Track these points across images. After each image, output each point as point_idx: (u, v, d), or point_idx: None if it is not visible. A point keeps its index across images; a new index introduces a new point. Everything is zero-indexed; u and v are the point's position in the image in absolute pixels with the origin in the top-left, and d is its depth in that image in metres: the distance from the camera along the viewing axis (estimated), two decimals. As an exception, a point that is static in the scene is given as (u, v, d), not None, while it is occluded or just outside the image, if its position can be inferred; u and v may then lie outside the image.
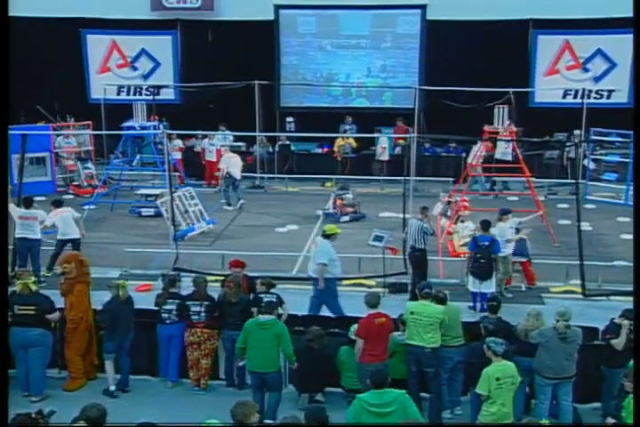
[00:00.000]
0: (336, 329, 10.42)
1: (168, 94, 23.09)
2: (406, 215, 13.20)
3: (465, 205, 15.30)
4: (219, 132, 21.28)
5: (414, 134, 15.78)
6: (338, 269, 11.61)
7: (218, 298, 10.46)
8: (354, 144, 21.58)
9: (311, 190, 20.46)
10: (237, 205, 18.50)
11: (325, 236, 11.62)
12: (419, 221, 12.65)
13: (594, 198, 18.62)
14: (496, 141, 18.16)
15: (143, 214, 17.50)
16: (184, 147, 21.76)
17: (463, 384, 9.60)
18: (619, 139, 19.11)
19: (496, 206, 16.78)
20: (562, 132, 21.16)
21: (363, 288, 12.36)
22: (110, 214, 17.75)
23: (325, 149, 22.50)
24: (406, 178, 13.71)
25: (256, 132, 20.42)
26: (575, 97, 21.41)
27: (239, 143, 22.42)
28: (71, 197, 19.43)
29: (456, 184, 18.14)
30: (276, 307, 9.86)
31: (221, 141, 21.37)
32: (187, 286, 10.75)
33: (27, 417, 6.79)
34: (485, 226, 12.38)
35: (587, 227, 15.80)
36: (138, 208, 17.68)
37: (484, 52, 21.18)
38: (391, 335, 9.61)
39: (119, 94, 23.19)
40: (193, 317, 10.18)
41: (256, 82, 20.97)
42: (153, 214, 17.17)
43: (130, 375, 10.33)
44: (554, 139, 20.97)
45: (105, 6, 22.37)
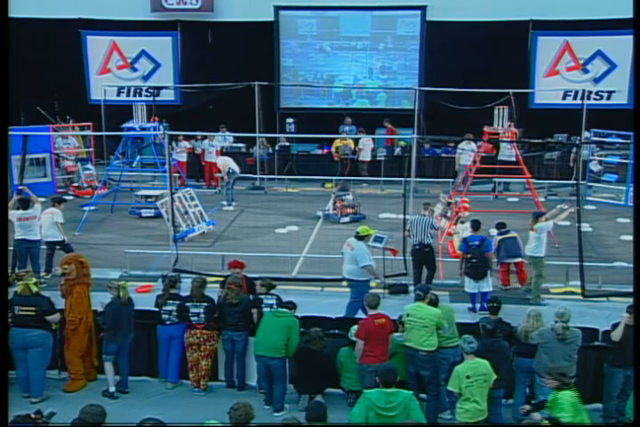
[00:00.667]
0: (336, 330, 10.44)
1: (168, 95, 23.10)
2: (406, 216, 13.19)
3: (465, 206, 15.30)
4: (219, 133, 21.28)
5: (414, 135, 15.78)
6: (374, 269, 11.70)
7: (218, 299, 10.47)
8: (352, 145, 21.57)
9: (311, 191, 20.45)
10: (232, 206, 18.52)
11: (359, 237, 11.61)
12: (424, 217, 12.81)
13: (594, 199, 18.61)
14: (498, 143, 18.16)
15: (143, 215, 17.50)
16: (192, 147, 21.63)
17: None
18: (619, 140, 19.08)
19: (496, 207, 16.89)
20: (562, 133, 21.17)
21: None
22: (110, 215, 17.74)
23: (325, 151, 22.48)
24: (407, 179, 13.70)
25: (256, 134, 20.41)
26: (575, 98, 21.39)
27: (239, 144, 22.42)
28: (71, 198, 19.43)
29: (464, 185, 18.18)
30: (294, 307, 10.05)
31: (221, 142, 21.38)
32: (186, 287, 10.75)
33: (26, 418, 6.80)
34: (476, 226, 12.39)
35: (587, 228, 15.79)
36: (138, 209, 17.68)
37: (483, 53, 21.19)
38: (391, 336, 9.61)
39: (119, 95, 23.18)
40: (192, 318, 10.19)
41: (256, 83, 20.96)
42: (153, 215, 17.18)
43: (129, 377, 10.33)
44: (554, 140, 20.97)
45: (105, 7, 22.37)
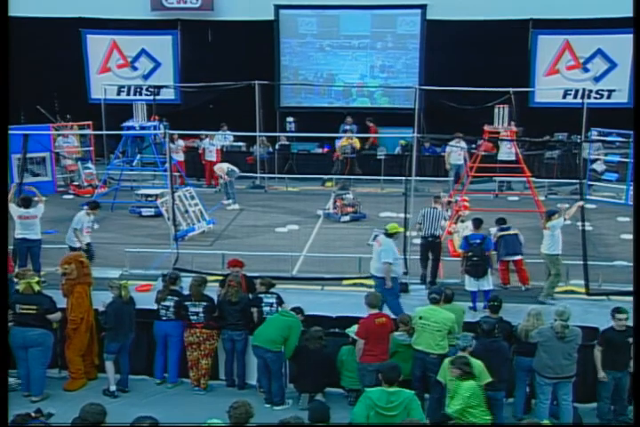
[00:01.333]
0: (336, 329, 10.45)
1: (168, 94, 23.06)
2: (407, 215, 13.19)
3: (465, 205, 15.30)
4: (219, 131, 21.27)
5: (415, 134, 15.76)
6: (400, 269, 11.69)
7: (218, 298, 10.48)
8: (357, 145, 21.55)
9: (311, 190, 20.45)
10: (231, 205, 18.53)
11: (388, 235, 11.60)
12: (435, 210, 13.00)
13: (594, 198, 18.60)
14: (497, 142, 18.15)
15: (143, 214, 17.48)
16: (188, 146, 21.63)
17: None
18: (619, 139, 19.08)
19: (496, 206, 16.87)
20: (562, 132, 21.16)
21: (363, 288, 12.34)
22: (110, 214, 17.73)
23: (325, 149, 22.49)
24: (407, 178, 13.70)
25: (256, 133, 20.41)
26: (575, 97, 21.38)
27: (239, 143, 22.42)
28: (71, 197, 19.44)
29: (456, 184, 18.19)
30: (301, 313, 10.17)
31: (222, 141, 21.38)
32: (187, 286, 10.76)
33: (26, 416, 6.81)
34: (477, 224, 12.40)
35: (587, 227, 15.77)
36: (138, 208, 17.68)
37: (484, 51, 21.15)
38: (392, 336, 9.61)
39: (119, 94, 23.15)
40: (191, 317, 10.20)
41: (256, 82, 20.94)
42: (153, 214, 17.17)
43: (130, 375, 10.35)
44: (554, 139, 20.96)
45: (105, 6, 22.34)
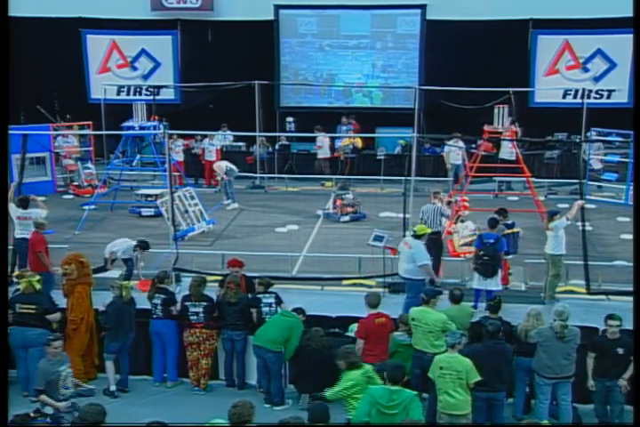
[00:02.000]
0: (336, 329, 10.45)
1: (168, 94, 23.06)
2: (406, 215, 13.20)
3: (465, 204, 15.29)
4: (219, 131, 21.26)
5: (414, 134, 15.75)
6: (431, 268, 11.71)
7: (217, 298, 10.49)
8: (359, 144, 21.52)
9: (311, 190, 20.45)
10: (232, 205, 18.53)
11: (416, 236, 11.63)
12: (434, 205, 13.28)
13: (594, 198, 18.59)
14: (499, 141, 18.12)
15: (143, 214, 17.46)
16: (188, 144, 21.60)
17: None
18: (619, 139, 19.07)
19: (496, 206, 16.76)
20: (562, 132, 21.15)
21: (363, 288, 12.35)
22: (110, 214, 17.73)
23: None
24: (407, 178, 13.69)
25: (256, 133, 20.40)
26: (575, 97, 21.37)
27: (239, 143, 22.41)
28: (71, 197, 19.43)
29: (456, 184, 18.18)
30: (302, 313, 10.21)
31: (221, 141, 21.37)
32: (187, 286, 10.77)
33: (25, 417, 6.81)
34: (492, 224, 12.41)
35: (587, 227, 15.75)
36: (138, 208, 17.67)
37: (483, 51, 21.14)
38: (391, 335, 9.61)
39: (119, 94, 23.13)
40: (192, 317, 10.22)
41: (256, 82, 20.93)
42: (153, 214, 17.15)
43: (130, 375, 10.35)
44: (554, 138, 20.95)
45: (105, 6, 22.33)
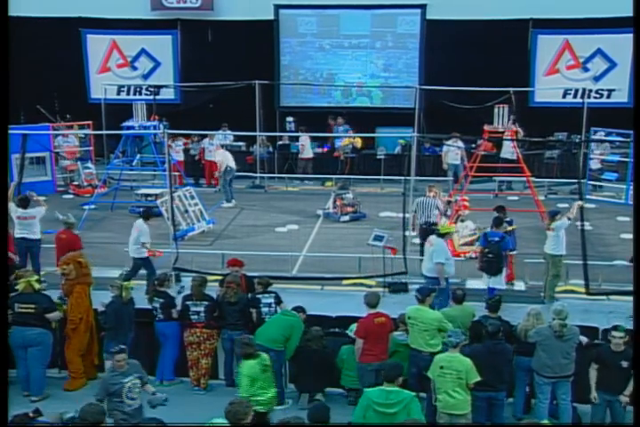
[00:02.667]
0: (336, 329, 10.45)
1: (168, 94, 23.05)
2: (406, 215, 13.20)
3: (465, 204, 15.30)
4: (219, 131, 21.25)
5: (414, 134, 15.76)
6: (452, 269, 11.65)
7: (217, 298, 10.50)
8: (358, 144, 21.53)
9: (311, 190, 20.45)
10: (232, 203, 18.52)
11: (440, 235, 11.61)
12: (429, 198, 13.61)
13: (594, 198, 18.60)
14: (499, 141, 18.11)
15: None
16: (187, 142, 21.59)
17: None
18: (619, 138, 19.07)
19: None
20: (562, 131, 21.15)
21: (363, 288, 12.35)
22: (110, 214, 17.75)
23: (325, 149, 22.49)
24: (407, 177, 13.70)
25: (256, 132, 20.41)
26: (575, 97, 21.36)
27: (239, 143, 22.41)
28: (71, 196, 19.44)
29: (456, 184, 18.18)
30: (302, 311, 10.20)
31: (222, 141, 21.36)
32: (186, 286, 10.78)
33: (24, 417, 6.81)
34: (497, 222, 12.42)
35: (587, 226, 15.76)
36: (138, 208, 17.64)
37: (483, 51, 21.14)
38: (391, 335, 9.62)
39: (119, 94, 23.14)
40: (192, 316, 10.24)
41: (256, 82, 20.93)
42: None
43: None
44: (554, 138, 20.95)
45: (105, 6, 22.32)
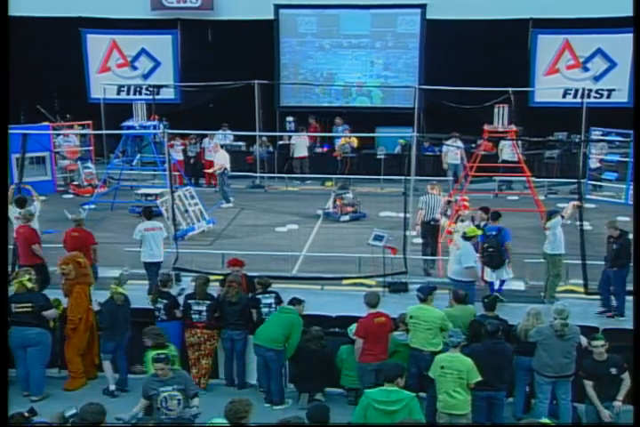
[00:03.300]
0: (336, 329, 10.45)
1: (168, 94, 23.03)
2: (407, 215, 13.20)
3: (465, 204, 15.28)
4: (219, 131, 21.25)
5: (414, 133, 15.75)
6: (479, 271, 11.73)
7: (217, 297, 10.50)
8: (355, 143, 21.54)
9: (311, 190, 20.45)
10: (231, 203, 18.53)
11: (466, 238, 11.66)
12: (432, 196, 13.92)
13: (594, 198, 18.59)
14: (498, 141, 18.10)
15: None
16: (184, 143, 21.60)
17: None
18: (619, 138, 19.07)
19: (496, 206, 16.79)
20: (562, 131, 21.15)
21: (363, 288, 12.35)
22: (110, 214, 17.75)
23: (325, 149, 22.49)
24: (407, 177, 13.70)
25: (256, 132, 20.41)
26: (575, 96, 21.34)
27: (239, 143, 22.41)
28: (71, 196, 19.43)
29: (456, 184, 18.18)
30: (299, 303, 10.17)
31: (221, 141, 21.37)
32: (187, 285, 10.78)
33: (19, 417, 6.80)
34: (494, 216, 12.45)
35: (586, 226, 15.76)
36: (138, 208, 17.64)
37: (483, 51, 21.13)
38: (391, 335, 9.61)
39: (119, 94, 23.13)
40: (194, 316, 10.23)
41: (256, 81, 20.93)
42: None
43: (129, 375, 10.35)
44: (554, 138, 20.94)
45: (105, 6, 22.30)
